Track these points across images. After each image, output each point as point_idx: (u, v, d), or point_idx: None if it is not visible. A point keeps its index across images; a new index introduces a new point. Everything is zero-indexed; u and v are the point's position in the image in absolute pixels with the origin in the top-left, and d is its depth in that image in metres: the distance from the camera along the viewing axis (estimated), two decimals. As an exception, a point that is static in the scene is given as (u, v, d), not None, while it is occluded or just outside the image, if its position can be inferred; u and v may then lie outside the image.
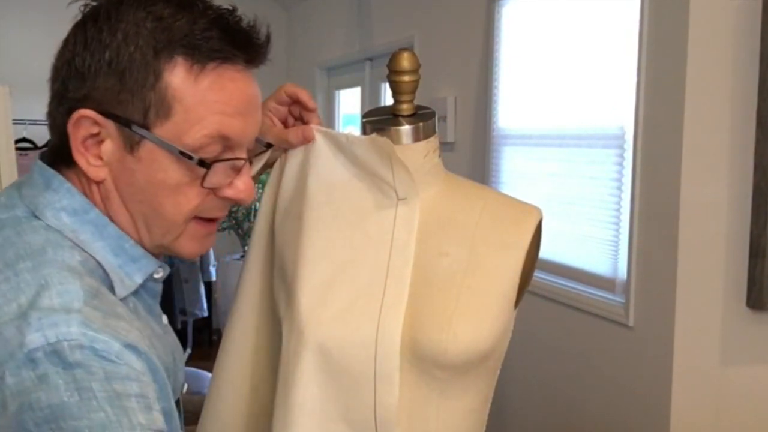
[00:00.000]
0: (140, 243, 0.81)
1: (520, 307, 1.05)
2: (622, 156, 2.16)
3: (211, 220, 0.84)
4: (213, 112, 0.77)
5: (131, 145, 0.76)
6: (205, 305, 4.22)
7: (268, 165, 1.08)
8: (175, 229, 0.81)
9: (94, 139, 0.77)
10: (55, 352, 0.66)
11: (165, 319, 0.89)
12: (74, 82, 0.76)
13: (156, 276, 0.84)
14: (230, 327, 1.12)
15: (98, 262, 0.77)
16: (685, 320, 1.96)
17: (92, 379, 0.66)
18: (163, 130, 0.76)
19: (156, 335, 0.82)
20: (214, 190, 0.80)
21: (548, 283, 2.48)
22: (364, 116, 1.07)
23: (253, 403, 1.09)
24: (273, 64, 0.88)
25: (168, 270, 0.87)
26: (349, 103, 4.53)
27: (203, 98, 0.76)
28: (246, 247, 4.87)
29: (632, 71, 2.08)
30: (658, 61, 2.00)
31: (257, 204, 4.51)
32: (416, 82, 1.03)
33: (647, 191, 2.05)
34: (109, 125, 0.76)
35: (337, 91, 4.65)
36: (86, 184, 0.80)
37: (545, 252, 1.12)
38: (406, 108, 1.04)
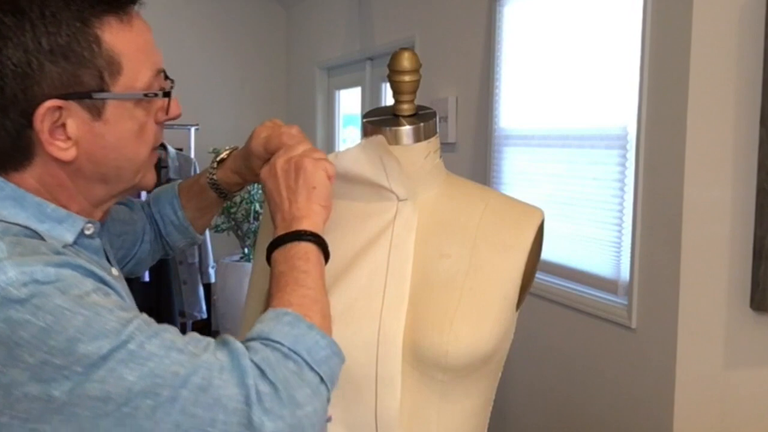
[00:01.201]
0: (109, 195, 0.89)
1: (521, 309, 1.05)
2: (624, 156, 2.15)
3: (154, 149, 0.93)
4: (146, 51, 0.85)
5: (97, 112, 0.82)
6: (204, 307, 4.20)
7: None
8: (144, 166, 0.90)
9: (56, 124, 0.81)
10: (3, 298, 0.72)
11: (115, 270, 0.94)
12: (17, 83, 0.78)
13: (87, 232, 0.88)
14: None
15: (26, 227, 0.81)
16: (688, 322, 1.94)
17: (53, 300, 0.72)
18: (120, 85, 0.82)
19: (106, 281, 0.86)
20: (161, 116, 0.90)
21: (550, 284, 2.46)
22: (364, 116, 1.07)
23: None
24: (272, 64, 0.91)
25: (98, 225, 0.90)
26: (350, 103, 4.51)
27: (137, 43, 0.84)
28: (246, 249, 4.84)
29: (635, 71, 2.07)
30: (661, 61, 1.99)
31: (257, 205, 4.51)
32: (417, 82, 1.02)
33: (650, 192, 2.04)
34: (70, 105, 0.80)
35: (337, 91, 4.64)
36: (43, 175, 0.84)
37: (547, 253, 1.11)
38: (406, 108, 1.03)
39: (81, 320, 0.72)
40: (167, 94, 0.88)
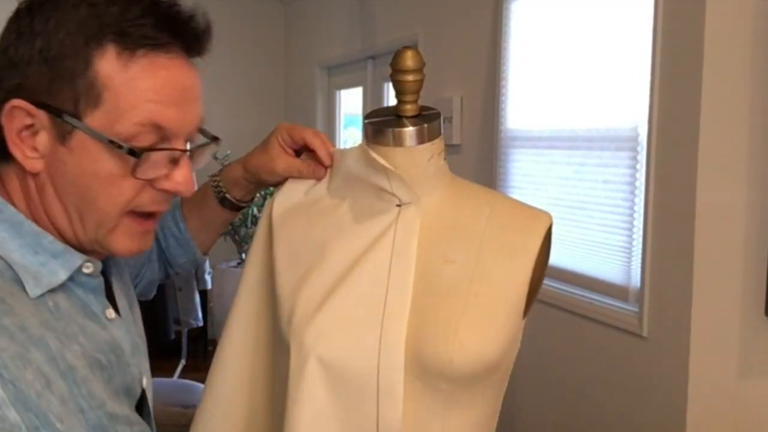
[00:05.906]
0: (75, 237, 0.82)
1: (528, 316, 1.04)
2: (635, 158, 2.15)
3: (148, 217, 0.84)
4: (145, 100, 0.77)
5: (63, 136, 0.77)
6: (200, 314, 4.17)
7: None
8: (107, 222, 0.81)
9: (29, 131, 0.77)
10: None
11: (111, 313, 0.87)
12: (7, 71, 0.77)
13: (85, 271, 0.83)
14: (226, 343, 1.12)
15: (7, 263, 0.78)
16: (701, 330, 1.94)
17: None
18: (94, 120, 0.76)
19: (86, 332, 0.82)
20: (150, 182, 0.80)
21: (558, 291, 2.46)
22: (366, 117, 1.07)
23: (251, 424, 1.09)
24: (271, 63, 0.86)
25: (99, 265, 0.85)
26: (351, 103, 4.54)
27: (133, 85, 0.76)
28: (243, 255, 4.85)
29: (646, 70, 2.06)
30: (674, 59, 1.98)
31: (254, 209, 4.48)
32: (420, 82, 1.02)
33: (662, 195, 2.03)
34: (42, 116, 0.77)
35: (337, 91, 4.66)
36: (23, 177, 0.81)
37: (555, 259, 1.09)
38: (409, 108, 1.03)
39: None
40: (134, 153, 0.76)
